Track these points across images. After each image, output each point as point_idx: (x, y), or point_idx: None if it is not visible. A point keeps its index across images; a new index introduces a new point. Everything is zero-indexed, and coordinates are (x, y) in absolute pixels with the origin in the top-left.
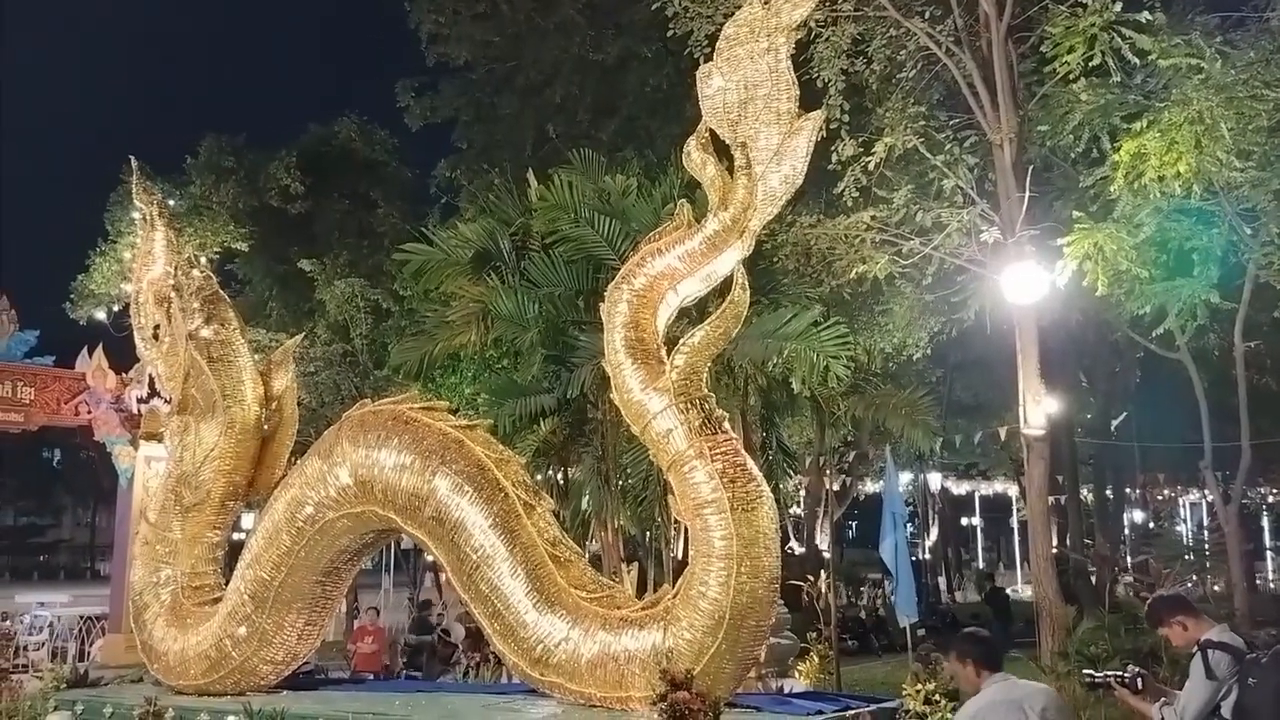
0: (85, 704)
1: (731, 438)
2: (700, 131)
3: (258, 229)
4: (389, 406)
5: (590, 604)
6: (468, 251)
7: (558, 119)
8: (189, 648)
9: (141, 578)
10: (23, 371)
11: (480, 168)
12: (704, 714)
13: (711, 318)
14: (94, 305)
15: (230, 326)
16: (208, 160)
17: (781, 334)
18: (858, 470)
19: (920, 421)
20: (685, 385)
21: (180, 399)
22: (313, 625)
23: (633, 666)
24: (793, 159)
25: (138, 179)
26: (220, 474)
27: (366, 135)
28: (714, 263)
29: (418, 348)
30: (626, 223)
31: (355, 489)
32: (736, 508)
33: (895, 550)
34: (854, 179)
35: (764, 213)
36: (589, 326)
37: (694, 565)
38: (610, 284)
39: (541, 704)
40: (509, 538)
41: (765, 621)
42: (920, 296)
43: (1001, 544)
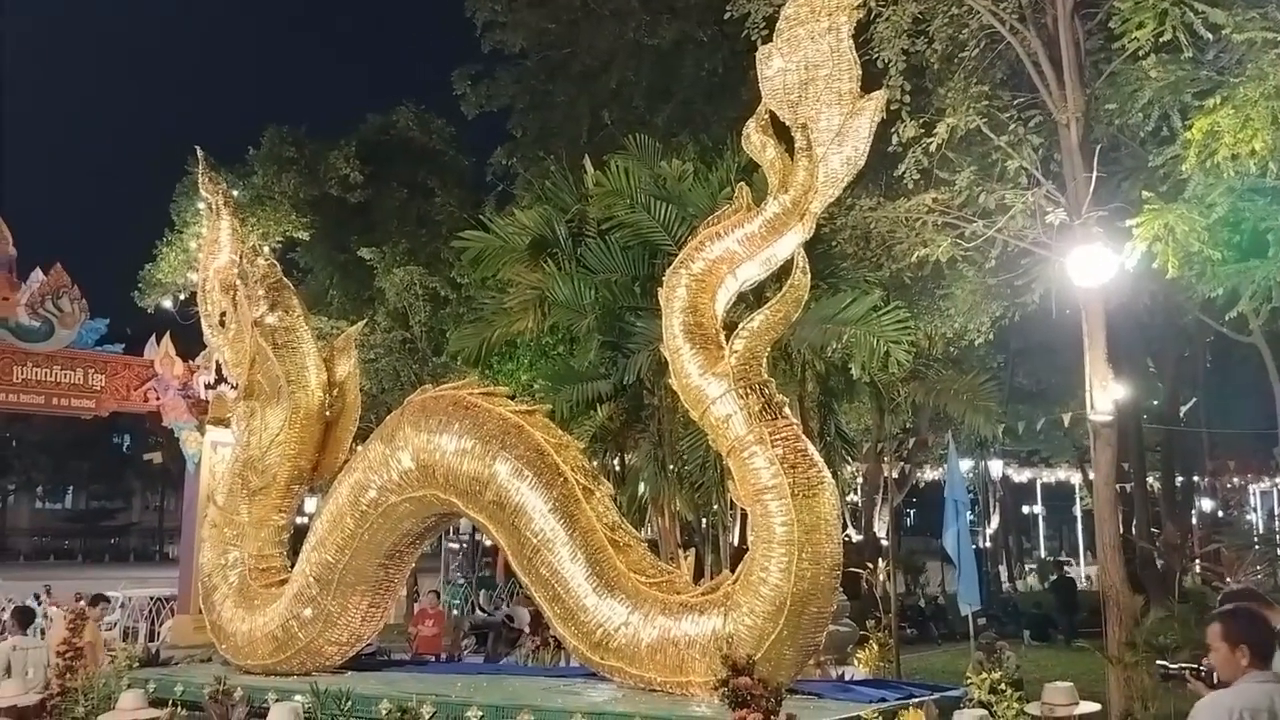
0: (157, 683)
1: (792, 423)
2: (760, 113)
3: (318, 218)
4: (450, 392)
5: (650, 589)
6: (524, 238)
7: (613, 105)
8: (256, 628)
9: (210, 560)
10: (93, 359)
11: (536, 155)
12: (766, 700)
13: (771, 302)
14: (161, 294)
15: (294, 314)
16: (270, 151)
17: (841, 319)
18: (917, 457)
19: (982, 407)
20: (744, 370)
21: (246, 385)
22: (376, 607)
23: (693, 651)
24: (854, 140)
25: (203, 169)
26: (285, 458)
27: (424, 124)
28: (774, 246)
29: (476, 334)
30: (683, 208)
31: (417, 473)
32: (797, 493)
33: (957, 538)
34: (915, 161)
35: (825, 195)
36: (645, 312)
37: (754, 551)
38: (668, 269)
39: (602, 687)
40: (568, 522)
41: (827, 608)
42: (983, 280)
43: (1064, 532)
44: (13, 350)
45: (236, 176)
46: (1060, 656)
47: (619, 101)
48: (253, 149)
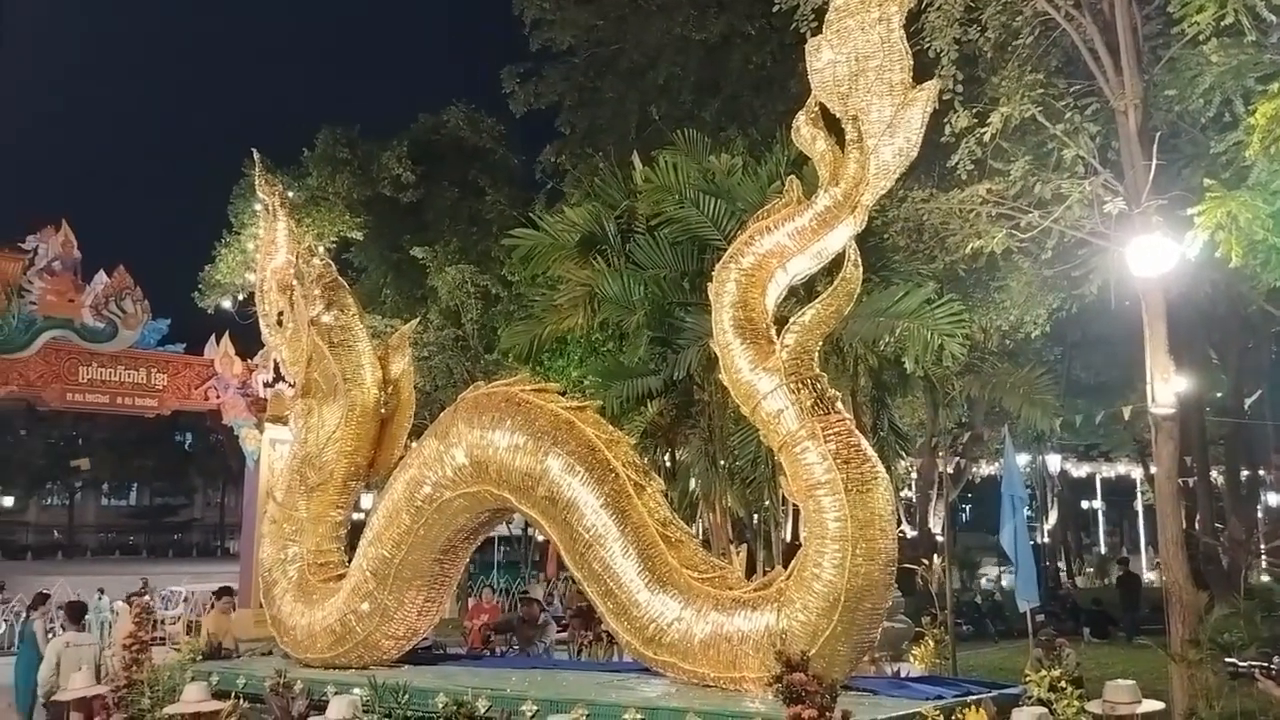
0: (220, 675)
1: (845, 418)
2: (810, 106)
3: (372, 218)
4: (502, 388)
5: (702, 584)
6: (574, 235)
7: (661, 100)
8: (315, 622)
9: (270, 555)
10: (156, 358)
11: (585, 152)
12: (820, 696)
13: (823, 295)
14: (220, 294)
15: (349, 312)
16: (324, 152)
17: (893, 312)
18: (972, 452)
19: (1039, 401)
20: (796, 365)
21: (303, 383)
22: (432, 602)
23: (746, 647)
24: (906, 131)
25: (259, 171)
26: (342, 455)
27: (474, 123)
28: (825, 239)
29: (526, 331)
30: (732, 202)
31: (471, 469)
32: (851, 489)
33: (1014, 534)
34: (968, 151)
35: (877, 187)
36: (695, 308)
37: (808, 547)
38: (717, 264)
39: (655, 682)
40: (620, 517)
41: (881, 604)
42: (1039, 271)
43: (1124, 528)
44: (78, 351)
45: (292, 178)
46: (1121, 654)
47: (667, 97)
48: (307, 150)
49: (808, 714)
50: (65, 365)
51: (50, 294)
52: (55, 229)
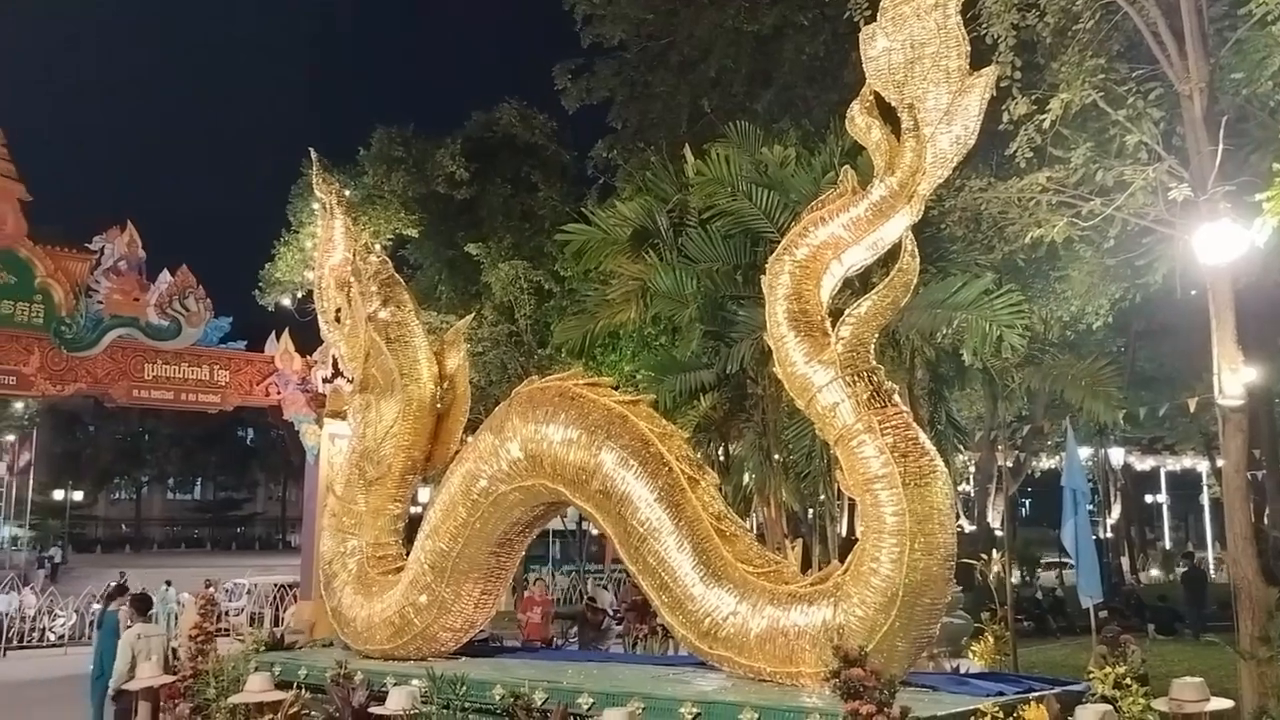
0: (282, 666)
1: (902, 411)
2: (864, 95)
3: (426, 215)
4: (556, 383)
5: (757, 578)
6: (626, 230)
7: (712, 93)
8: (374, 614)
9: (330, 548)
10: (218, 356)
11: (636, 146)
12: (879, 692)
13: (879, 287)
14: (280, 292)
15: (406, 308)
16: (379, 151)
17: (951, 303)
18: (1032, 445)
19: (1101, 393)
20: (852, 357)
21: (361, 378)
22: (489, 594)
23: (802, 642)
24: (964, 119)
25: (317, 170)
26: (400, 449)
27: (526, 120)
28: (881, 230)
29: (579, 326)
30: (785, 194)
31: (525, 463)
32: (909, 482)
33: (1076, 529)
34: (1027, 139)
35: (934, 176)
36: (748, 301)
37: (865, 541)
38: (770, 256)
39: (711, 676)
40: (674, 511)
41: (940, 599)
42: (1101, 261)
43: (1189, 523)
44: (144, 348)
45: (349, 177)
46: (1188, 651)
47: (719, 90)
48: (363, 149)
49: (866, 709)
50: (131, 363)
51: (116, 293)
52: (121, 229)
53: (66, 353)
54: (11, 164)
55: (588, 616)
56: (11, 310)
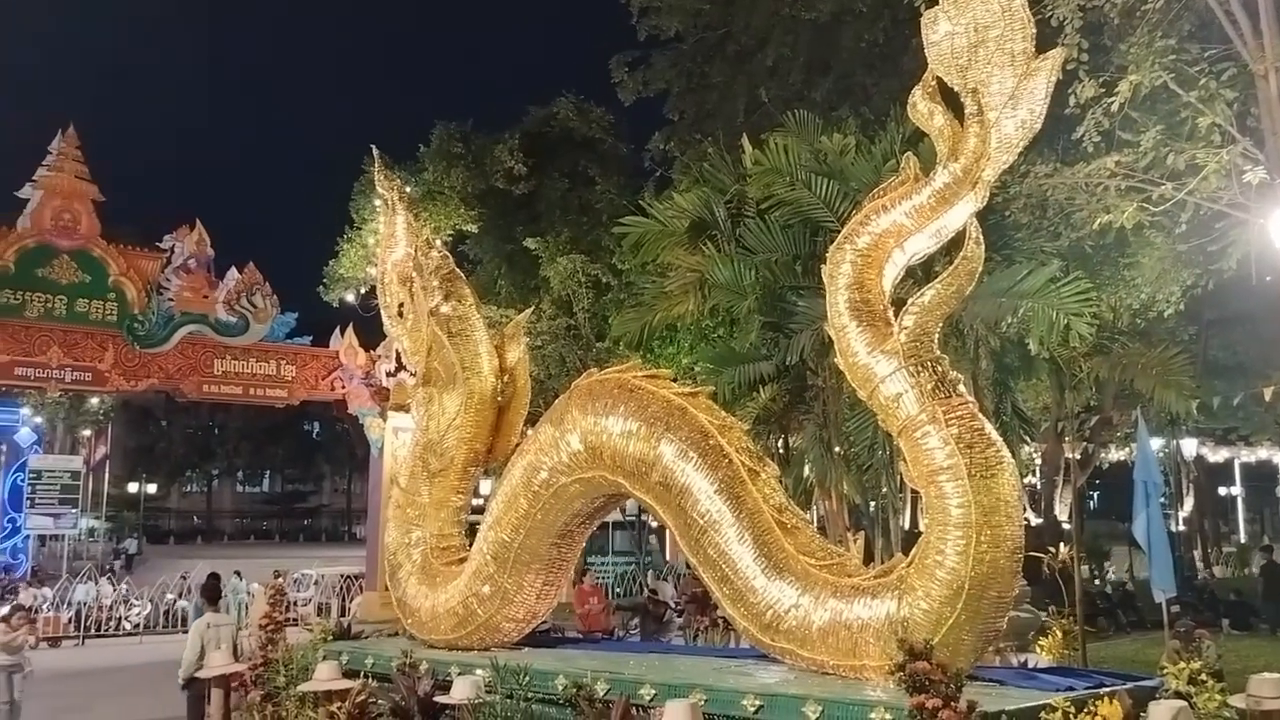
0: (349, 655)
1: (967, 401)
2: (926, 80)
3: (485, 210)
4: (615, 375)
5: (820, 571)
6: (683, 222)
7: (770, 83)
8: (438, 605)
9: (395, 539)
10: (285, 351)
11: (693, 138)
12: (945, 685)
13: (943, 275)
14: (344, 288)
15: (467, 303)
16: (439, 147)
17: (1016, 292)
18: (1101, 436)
19: (1173, 382)
20: (915, 347)
21: (424, 372)
22: (550, 585)
23: (866, 635)
24: (1030, 102)
25: (379, 168)
26: (462, 442)
27: (583, 114)
28: (944, 217)
29: (637, 319)
30: (845, 183)
31: (585, 454)
32: (974, 474)
33: (1148, 522)
34: (1095, 122)
35: (999, 161)
36: (808, 291)
37: (929, 533)
38: (831, 246)
39: (773, 669)
40: (734, 503)
41: (1008, 593)
42: (1172, 247)
43: (1265, 516)
44: (213, 344)
45: (409, 173)
46: (1264, 647)
47: (776, 79)
48: (423, 146)
49: (931, 703)
50: (201, 358)
51: (186, 290)
52: (190, 228)
53: (139, 349)
54: (84, 165)
55: (649, 608)
56: (86, 308)
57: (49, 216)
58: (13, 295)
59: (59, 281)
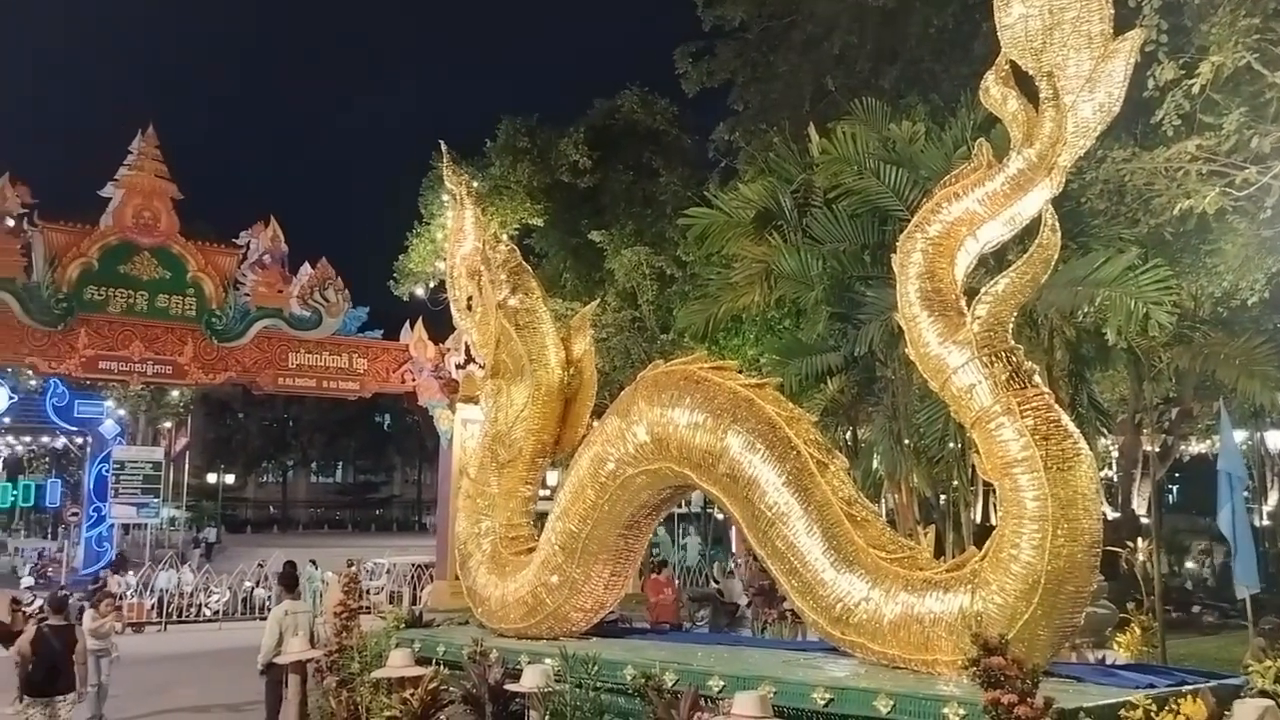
0: (422, 642)
1: (1043, 392)
2: (999, 64)
3: (551, 204)
4: (681, 367)
5: (890, 564)
6: (749, 212)
7: (836, 71)
8: (508, 594)
9: (464, 529)
10: (356, 344)
11: (758, 128)
12: (1020, 681)
13: (1017, 264)
14: (413, 282)
15: (534, 296)
16: (505, 142)
17: (1093, 280)
18: (1180, 428)
19: (1258, 372)
20: (989, 337)
21: (492, 364)
22: (618, 576)
23: (938, 629)
24: (1107, 85)
25: (447, 163)
26: (530, 433)
27: (648, 106)
28: (1019, 204)
29: (702, 310)
30: (914, 170)
31: (652, 446)
32: (1051, 466)
33: (1233, 515)
34: (1175, 105)
35: (1075, 146)
36: (877, 281)
37: (1004, 526)
38: (900, 235)
39: (843, 662)
40: (803, 495)
41: (1085, 588)
42: (1256, 232)
43: None
44: (288, 338)
45: (476, 168)
46: None
47: (843, 67)
48: (490, 141)
49: (1007, 699)
50: (277, 352)
51: (261, 285)
52: (264, 225)
53: (217, 343)
54: (163, 164)
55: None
56: (167, 303)
57: (130, 215)
58: (97, 291)
59: (140, 278)
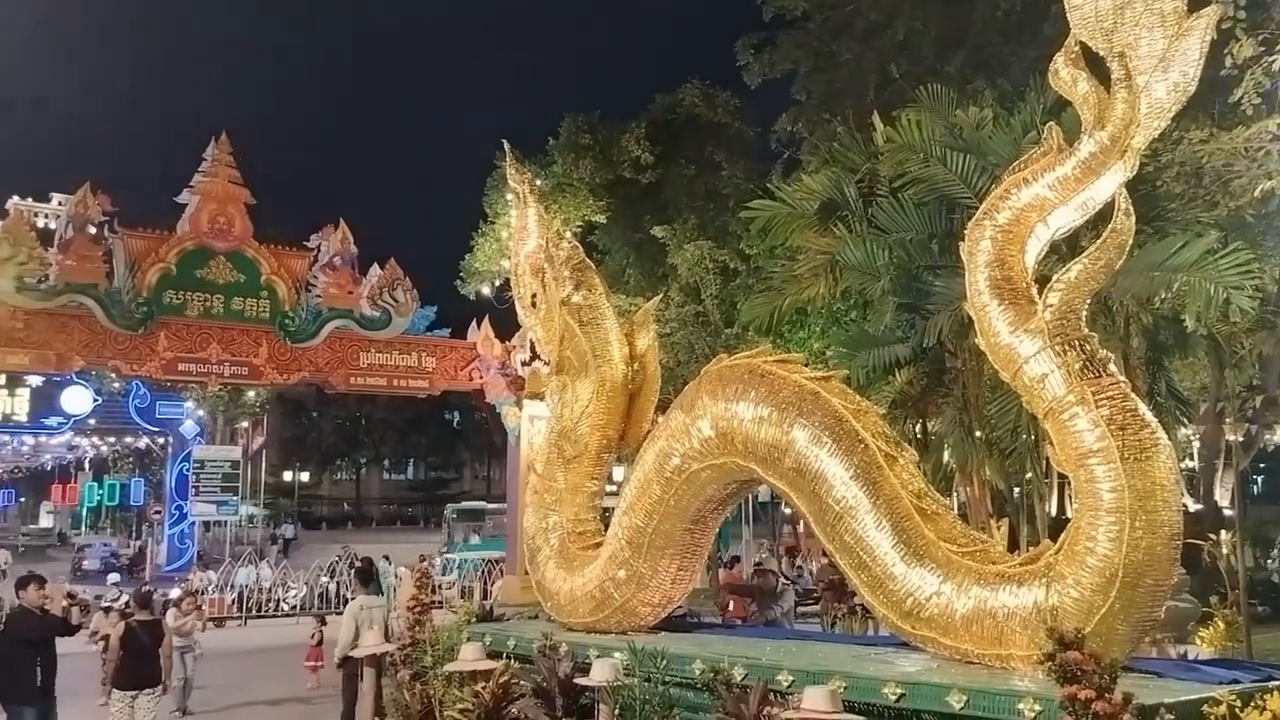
0: (492, 636)
1: (1119, 380)
2: (1069, 46)
3: (613, 200)
4: (745, 361)
5: (962, 558)
6: (813, 203)
7: (900, 58)
8: (576, 588)
9: (533, 524)
10: (425, 343)
11: (821, 118)
12: (1098, 676)
13: (1090, 250)
14: (480, 281)
15: (597, 292)
16: (567, 139)
17: (1170, 265)
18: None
19: None
20: (1061, 325)
21: (557, 361)
22: (685, 570)
23: (1012, 624)
24: (1182, 64)
25: (510, 162)
26: (595, 428)
27: (709, 99)
28: (1091, 188)
29: (766, 303)
30: (982, 157)
31: (717, 441)
32: (1128, 457)
33: None
34: (1254, 83)
35: (1149, 128)
36: (945, 270)
37: (1079, 519)
38: (969, 222)
39: (914, 657)
40: (871, 489)
41: (1165, 581)
42: None
43: None
44: (358, 338)
45: (539, 166)
46: None
47: (907, 54)
48: (552, 139)
49: (1084, 694)
50: (348, 352)
51: (332, 287)
52: (334, 227)
53: (290, 344)
54: (236, 170)
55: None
56: (242, 306)
57: (205, 220)
58: (175, 295)
59: (216, 281)
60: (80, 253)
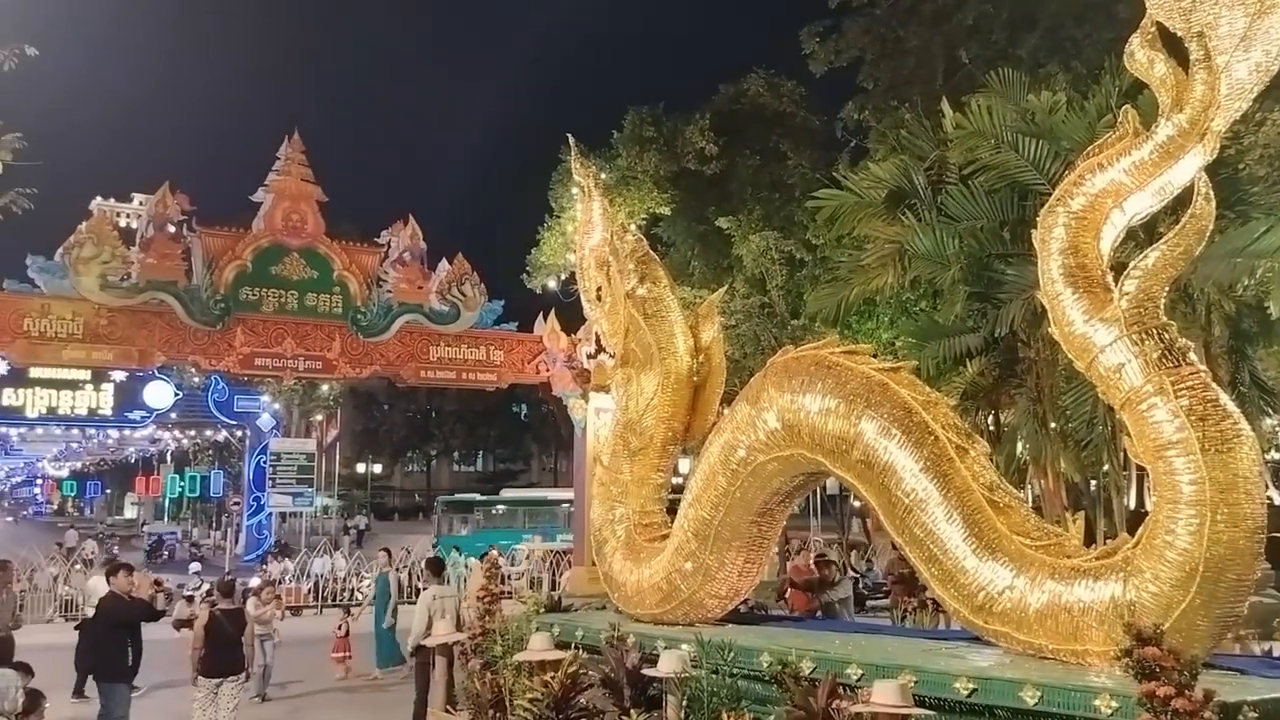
0: (561, 627)
1: (1199, 370)
2: (1145, 27)
3: (678, 192)
4: (811, 352)
5: (1035, 551)
6: (880, 192)
7: (970, 43)
8: (643, 580)
9: (600, 515)
10: (493, 337)
11: (888, 105)
12: (1178, 673)
13: (1168, 236)
14: (545, 275)
15: (661, 284)
16: (631, 132)
17: (1253, 251)
18: None
19: None
20: (1138, 313)
21: (622, 353)
22: (751, 563)
23: (1088, 619)
24: (1265, 44)
25: (575, 156)
26: (660, 421)
27: (774, 88)
28: (1169, 173)
29: (833, 294)
30: (1055, 142)
31: (783, 432)
32: (1208, 448)
33: None
34: None
35: (1230, 109)
36: (1017, 258)
37: (1158, 512)
38: (1041, 209)
39: (986, 651)
40: (941, 481)
41: (1248, 576)
42: None
43: None
44: (428, 332)
45: (604, 160)
46: None
47: (977, 38)
48: (616, 132)
49: (1163, 691)
50: (418, 346)
51: (403, 282)
52: (404, 223)
53: (362, 338)
54: (309, 169)
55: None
56: (315, 302)
57: (279, 218)
58: (251, 292)
59: (290, 278)
60: (160, 251)
